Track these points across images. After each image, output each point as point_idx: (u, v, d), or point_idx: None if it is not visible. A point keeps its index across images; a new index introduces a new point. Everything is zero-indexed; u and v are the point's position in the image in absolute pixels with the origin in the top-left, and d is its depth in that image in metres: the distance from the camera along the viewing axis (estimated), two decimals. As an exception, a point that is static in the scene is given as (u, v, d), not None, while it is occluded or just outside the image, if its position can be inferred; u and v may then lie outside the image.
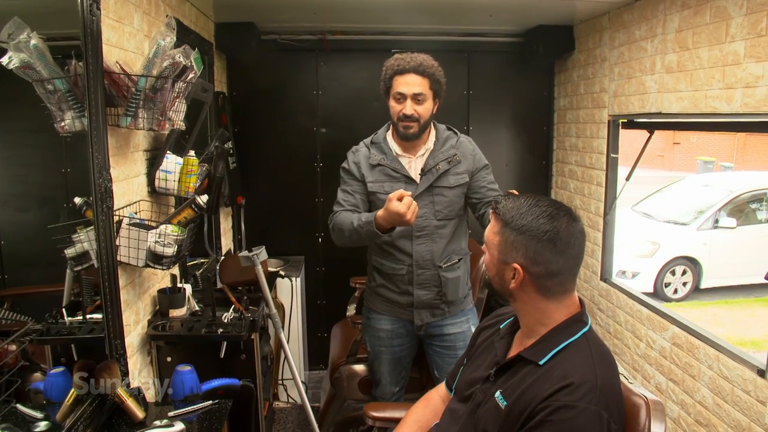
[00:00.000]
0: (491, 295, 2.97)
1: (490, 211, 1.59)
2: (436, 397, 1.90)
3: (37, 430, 1.70)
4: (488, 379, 1.59)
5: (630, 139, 3.31)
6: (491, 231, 1.55)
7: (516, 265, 1.47)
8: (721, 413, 2.42)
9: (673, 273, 7.53)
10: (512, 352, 1.59)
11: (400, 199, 2.15)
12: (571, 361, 1.42)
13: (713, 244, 7.62)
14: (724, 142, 18.09)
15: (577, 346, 1.45)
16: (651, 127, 3.11)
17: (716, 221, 7.71)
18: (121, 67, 1.89)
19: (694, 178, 10.67)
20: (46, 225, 1.97)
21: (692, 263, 7.56)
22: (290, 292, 3.75)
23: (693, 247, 7.61)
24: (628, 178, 3.36)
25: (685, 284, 7.58)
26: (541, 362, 1.45)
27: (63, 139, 1.83)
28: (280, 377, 3.78)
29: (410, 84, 2.40)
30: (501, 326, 1.72)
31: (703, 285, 7.61)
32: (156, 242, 2.04)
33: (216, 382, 2.19)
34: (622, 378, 1.58)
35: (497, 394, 1.50)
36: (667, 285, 7.52)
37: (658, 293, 7.42)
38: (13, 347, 1.33)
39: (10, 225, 1.96)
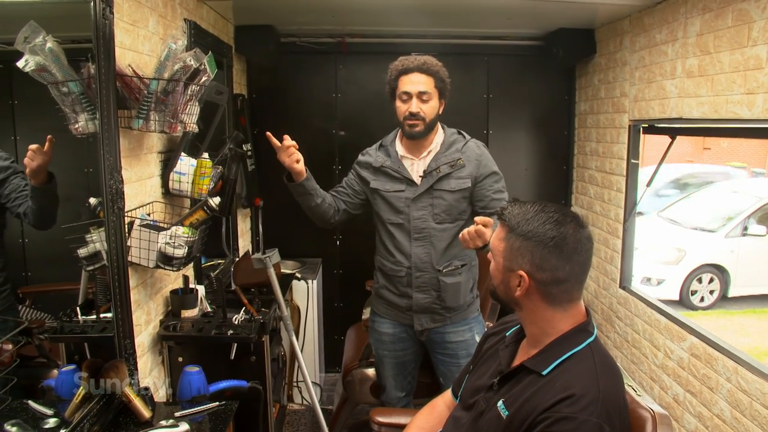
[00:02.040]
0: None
1: (497, 218, 1.58)
2: (442, 404, 1.88)
3: (46, 426, 1.72)
4: (491, 387, 1.57)
5: (657, 144, 3.23)
6: (496, 237, 1.54)
7: (521, 272, 1.45)
8: (739, 427, 2.36)
9: (700, 281, 7.36)
10: (517, 361, 1.56)
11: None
12: (573, 371, 1.39)
13: (741, 252, 7.42)
14: (756, 147, 17.63)
15: (580, 356, 1.42)
16: (672, 133, 3.05)
17: (745, 228, 7.52)
18: (133, 70, 1.92)
19: (723, 184, 10.45)
20: (68, 224, 2.00)
21: (719, 271, 7.37)
22: (306, 294, 3.75)
23: (720, 254, 7.42)
24: (649, 184, 3.31)
25: (711, 292, 7.40)
26: (544, 372, 1.42)
27: (85, 140, 1.86)
28: (295, 379, 3.79)
29: (415, 82, 2.44)
30: (507, 334, 1.70)
31: (731, 293, 7.41)
32: (167, 243, 2.05)
33: (224, 384, 2.20)
34: (630, 390, 1.55)
35: (499, 403, 1.48)
36: (694, 293, 7.35)
37: (683, 301, 7.27)
38: (9, 346, 1.35)
39: (35, 223, 2.00)
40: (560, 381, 1.38)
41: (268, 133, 2.41)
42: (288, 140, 2.42)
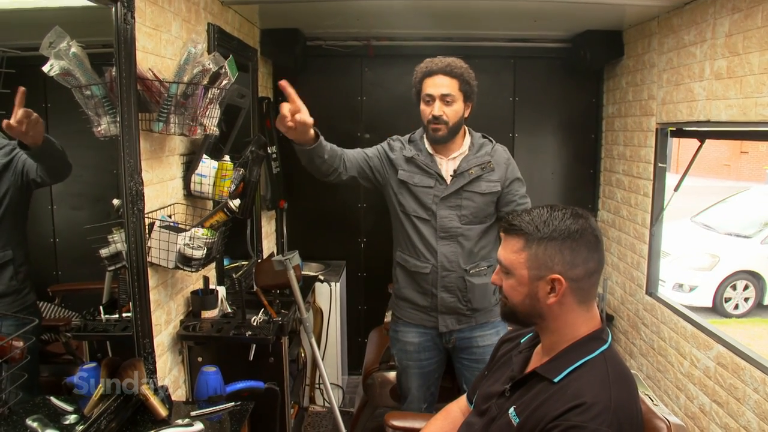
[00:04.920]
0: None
1: (502, 233, 1.53)
2: (456, 410, 1.87)
3: (66, 422, 1.75)
4: (504, 394, 1.55)
5: (692, 147, 3.13)
6: (511, 251, 1.47)
7: (555, 276, 1.40)
8: (766, 439, 2.29)
9: (734, 288, 7.17)
10: (530, 368, 1.54)
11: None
12: (585, 379, 1.37)
13: (779, 259, 7.23)
14: (797, 150, 17.17)
15: (593, 364, 1.39)
16: (701, 136, 2.98)
17: (782, 234, 7.32)
18: (154, 74, 1.95)
19: (760, 188, 10.18)
20: (94, 224, 2.04)
21: (755, 278, 7.17)
22: (329, 296, 3.77)
23: (756, 261, 7.22)
24: (676, 189, 3.23)
25: (746, 300, 7.20)
26: (556, 379, 1.40)
27: (112, 141, 1.89)
28: (317, 381, 3.80)
29: (438, 85, 2.40)
30: (521, 340, 1.68)
31: (767, 301, 7.21)
32: (186, 245, 2.08)
33: (240, 384, 2.21)
34: (646, 399, 1.52)
35: (511, 410, 1.46)
36: (728, 300, 7.16)
37: (717, 308, 7.09)
38: (20, 343, 1.38)
39: (65, 223, 2.05)
40: (571, 389, 1.35)
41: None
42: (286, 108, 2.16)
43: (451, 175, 2.47)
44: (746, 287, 7.19)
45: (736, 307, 7.19)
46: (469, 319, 2.52)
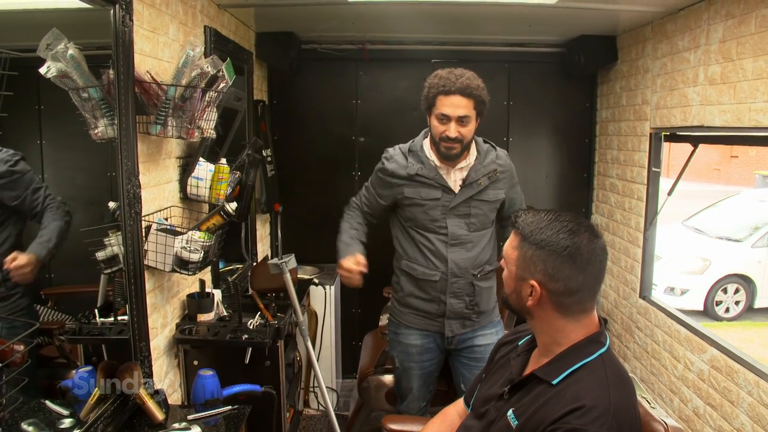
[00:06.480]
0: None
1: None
2: (454, 413, 1.87)
3: (62, 426, 1.74)
4: (502, 396, 1.55)
5: (683, 152, 3.16)
6: (510, 245, 1.51)
7: (533, 282, 1.43)
8: (760, 442, 2.30)
9: (725, 291, 7.22)
10: (528, 370, 1.55)
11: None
12: (584, 382, 1.37)
13: (769, 262, 7.28)
14: (787, 155, 17.29)
15: (591, 367, 1.40)
16: (694, 141, 3.01)
17: (773, 238, 7.38)
18: (152, 77, 1.94)
19: (750, 192, 10.25)
20: (90, 227, 2.03)
21: (745, 281, 7.23)
22: (324, 299, 3.76)
23: (747, 264, 7.28)
24: (670, 193, 3.25)
25: (737, 303, 7.25)
26: (554, 382, 1.40)
27: (108, 144, 1.89)
28: (311, 384, 3.79)
29: (456, 106, 2.31)
30: (519, 343, 1.68)
31: (757, 305, 7.26)
32: (183, 248, 2.08)
33: (237, 388, 2.21)
34: (644, 402, 1.53)
35: (510, 412, 1.47)
36: (719, 303, 7.21)
37: (708, 311, 7.13)
38: (21, 347, 1.38)
39: (58, 226, 2.03)
40: (570, 392, 1.36)
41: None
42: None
43: (460, 185, 2.45)
44: (737, 291, 7.25)
45: (727, 310, 7.24)
46: (473, 323, 2.54)
